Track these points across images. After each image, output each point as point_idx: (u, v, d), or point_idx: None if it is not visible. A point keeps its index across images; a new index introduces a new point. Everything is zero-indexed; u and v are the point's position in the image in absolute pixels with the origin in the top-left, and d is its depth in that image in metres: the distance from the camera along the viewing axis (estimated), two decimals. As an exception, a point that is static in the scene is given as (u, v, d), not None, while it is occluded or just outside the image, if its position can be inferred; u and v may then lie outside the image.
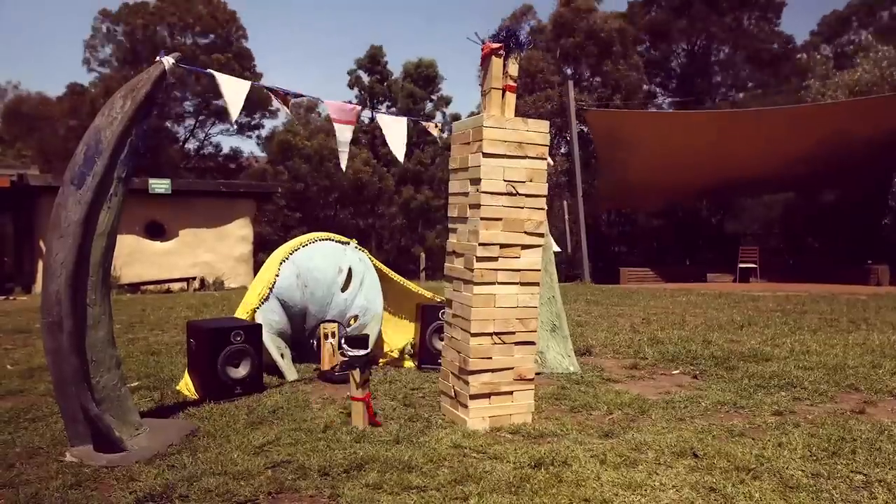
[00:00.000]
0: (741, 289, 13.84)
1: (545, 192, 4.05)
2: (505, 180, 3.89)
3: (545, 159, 4.03)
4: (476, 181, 3.89)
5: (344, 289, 5.67)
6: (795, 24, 64.67)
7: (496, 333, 3.93)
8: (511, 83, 4.01)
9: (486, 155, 3.84)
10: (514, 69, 3.99)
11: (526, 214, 3.96)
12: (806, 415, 4.13)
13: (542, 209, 4.02)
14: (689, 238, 24.10)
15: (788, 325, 7.83)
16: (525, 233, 3.96)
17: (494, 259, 3.90)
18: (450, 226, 4.24)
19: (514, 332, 3.98)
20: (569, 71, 25.55)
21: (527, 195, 3.96)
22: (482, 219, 3.87)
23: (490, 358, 3.93)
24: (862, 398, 4.52)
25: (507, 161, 3.90)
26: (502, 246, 3.89)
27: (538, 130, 3.98)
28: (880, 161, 16.21)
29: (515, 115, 4.00)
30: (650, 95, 28.29)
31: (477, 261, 3.88)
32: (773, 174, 16.67)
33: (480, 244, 3.86)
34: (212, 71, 4.19)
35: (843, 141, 14.10)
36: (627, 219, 25.72)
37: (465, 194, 4.01)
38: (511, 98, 4.02)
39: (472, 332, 3.87)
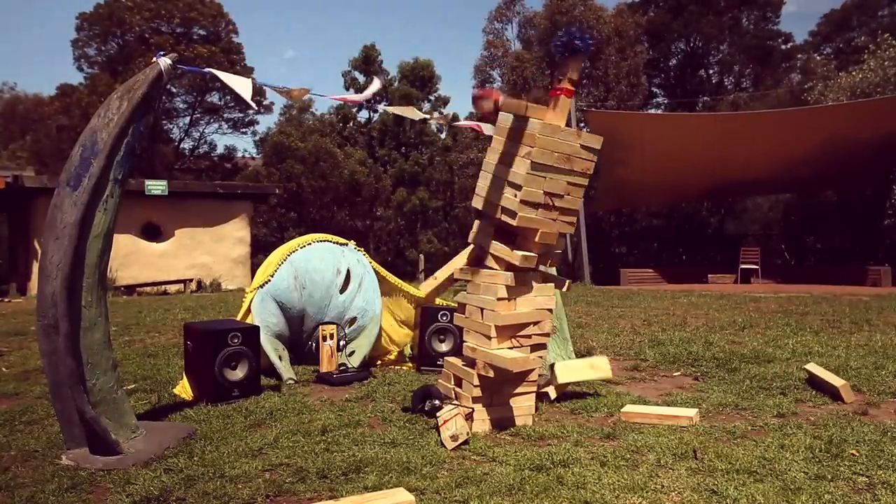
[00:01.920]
0: (742, 290, 13.82)
1: (579, 208, 3.93)
2: (544, 191, 3.72)
3: (588, 175, 3.86)
4: (515, 186, 3.72)
5: (342, 290, 5.64)
6: (795, 24, 64.84)
7: (515, 336, 3.89)
8: (568, 86, 3.78)
9: (534, 164, 3.65)
10: (574, 73, 3.76)
11: (557, 227, 3.85)
12: (808, 416, 4.10)
13: (572, 224, 3.91)
14: (690, 239, 24.12)
15: (790, 326, 7.80)
16: (550, 243, 3.89)
17: (518, 267, 3.84)
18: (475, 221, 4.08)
19: (530, 336, 3.95)
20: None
21: (562, 209, 3.82)
22: (517, 227, 3.75)
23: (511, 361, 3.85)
24: (864, 399, 4.49)
25: (552, 173, 3.71)
26: (527, 257, 3.78)
27: (590, 146, 3.80)
28: (881, 162, 16.22)
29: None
30: (649, 95, 28.28)
31: (505, 268, 3.84)
32: (774, 176, 16.67)
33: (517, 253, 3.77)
34: (211, 70, 4.16)
35: (844, 143, 14.09)
36: (628, 220, 25.73)
37: (498, 193, 3.84)
38: (566, 102, 3.80)
39: (491, 335, 3.81)
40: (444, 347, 5.55)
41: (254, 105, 4.23)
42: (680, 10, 28.20)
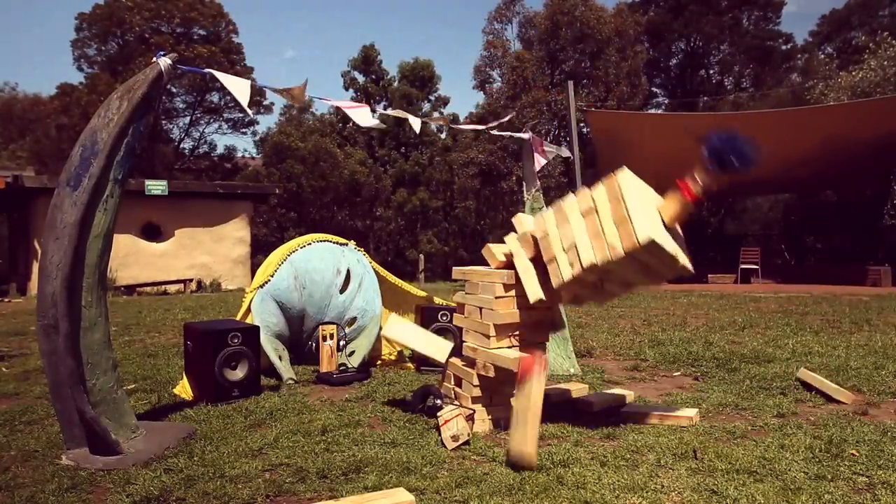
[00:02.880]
0: (742, 290, 13.81)
1: (617, 295, 3.79)
2: (601, 279, 3.55)
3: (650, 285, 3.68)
4: (578, 258, 3.44)
5: (342, 290, 5.64)
6: (795, 25, 64.90)
7: (514, 335, 3.89)
8: (697, 191, 3.42)
9: (612, 262, 3.35)
10: (713, 184, 3.44)
11: (590, 299, 3.81)
12: (808, 416, 4.10)
13: (604, 303, 3.91)
14: (690, 239, 24.11)
15: (790, 326, 7.79)
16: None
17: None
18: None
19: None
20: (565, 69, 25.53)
21: (606, 291, 3.70)
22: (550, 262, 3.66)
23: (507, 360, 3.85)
24: (864, 399, 4.49)
25: (622, 271, 3.46)
26: (541, 300, 3.74)
27: (672, 265, 3.46)
28: (881, 162, 16.19)
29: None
30: (649, 95, 28.29)
31: (504, 265, 3.85)
32: (774, 175, 16.63)
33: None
34: (211, 70, 4.16)
35: (844, 143, 14.08)
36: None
37: (561, 244, 3.57)
38: (686, 207, 3.49)
39: (490, 334, 3.81)
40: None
41: (249, 111, 4.20)
42: (680, 9, 28.25)
